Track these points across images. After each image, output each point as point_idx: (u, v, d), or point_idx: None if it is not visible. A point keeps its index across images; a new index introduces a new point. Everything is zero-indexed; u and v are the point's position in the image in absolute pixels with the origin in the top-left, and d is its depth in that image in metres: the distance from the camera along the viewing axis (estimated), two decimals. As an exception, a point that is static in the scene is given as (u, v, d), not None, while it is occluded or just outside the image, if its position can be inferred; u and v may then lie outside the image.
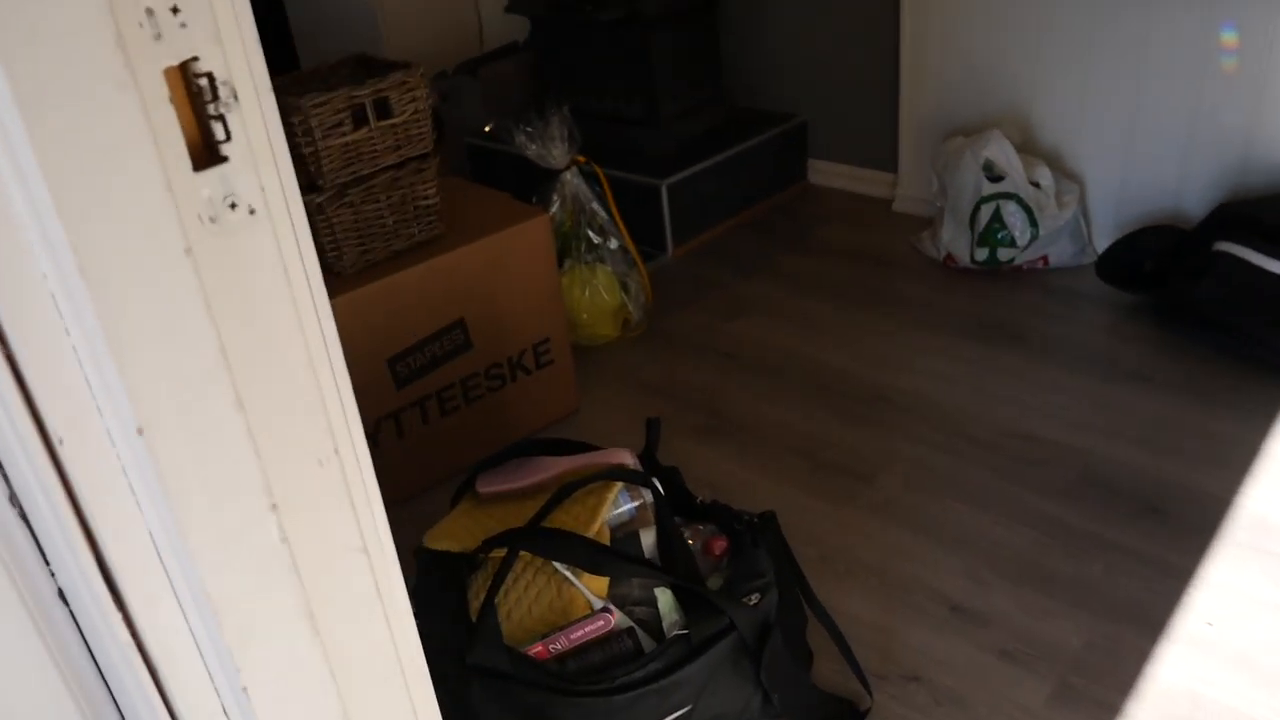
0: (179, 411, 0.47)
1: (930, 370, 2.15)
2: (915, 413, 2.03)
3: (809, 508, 1.81)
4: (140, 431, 0.46)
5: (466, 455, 1.94)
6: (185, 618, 0.52)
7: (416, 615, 1.34)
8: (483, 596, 1.31)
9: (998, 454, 1.89)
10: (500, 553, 1.35)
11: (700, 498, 1.53)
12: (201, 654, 0.53)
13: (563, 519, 1.38)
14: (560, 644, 1.29)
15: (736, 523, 1.45)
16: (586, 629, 1.29)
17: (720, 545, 1.43)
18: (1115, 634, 1.50)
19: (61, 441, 0.44)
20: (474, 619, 1.30)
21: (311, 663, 0.57)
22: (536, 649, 1.29)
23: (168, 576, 0.50)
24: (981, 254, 2.40)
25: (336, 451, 0.55)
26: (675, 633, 1.30)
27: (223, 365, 0.48)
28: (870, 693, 1.44)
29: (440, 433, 1.90)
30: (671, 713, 1.28)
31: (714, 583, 1.39)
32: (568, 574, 1.34)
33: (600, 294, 2.26)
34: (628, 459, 1.50)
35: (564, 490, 1.40)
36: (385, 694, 0.63)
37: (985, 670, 1.47)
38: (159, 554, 0.50)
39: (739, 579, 1.36)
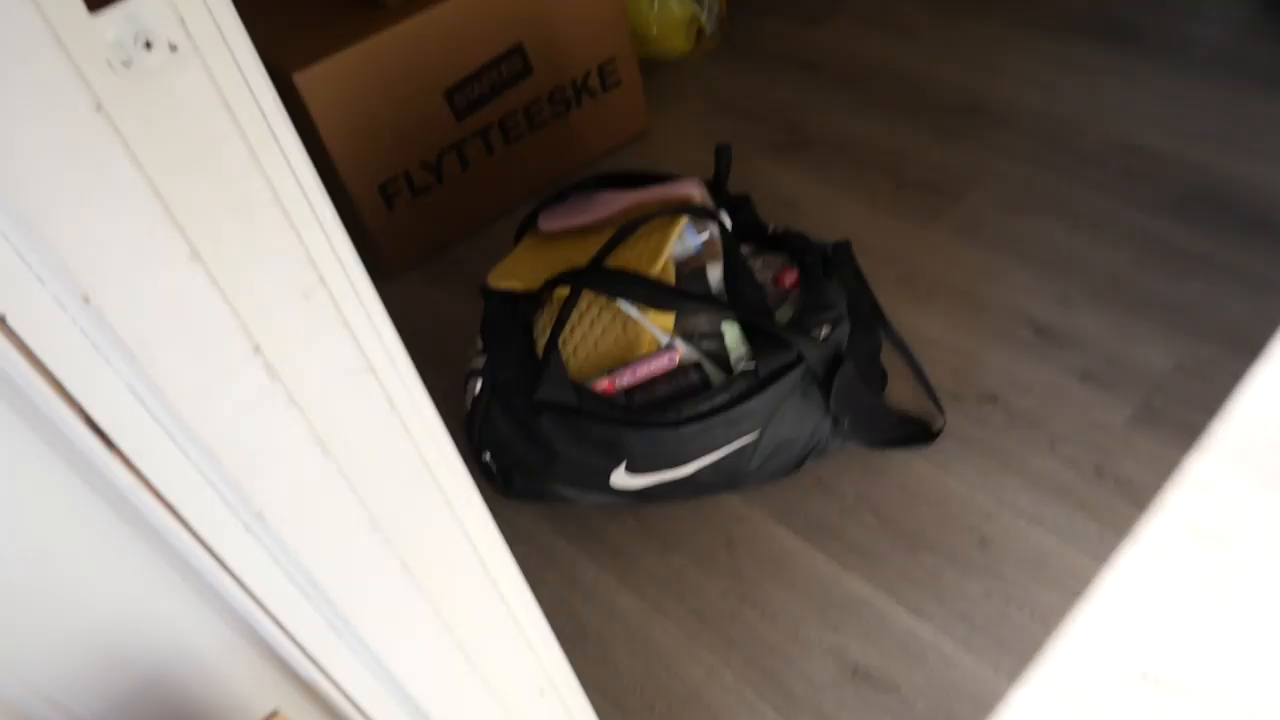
0: (125, 274, 0.46)
1: (1034, 77, 1.99)
2: (1013, 125, 1.90)
3: (891, 228, 1.75)
4: (86, 299, 0.45)
5: (535, 183, 1.91)
6: (186, 457, 0.53)
7: (485, 349, 1.38)
8: (548, 334, 1.33)
9: (1101, 168, 1.77)
10: (564, 291, 1.35)
11: (773, 227, 1.49)
12: (212, 485, 0.54)
13: (627, 256, 1.37)
14: (626, 379, 1.31)
15: (808, 253, 1.41)
16: (652, 365, 1.31)
17: (791, 276, 1.40)
18: (1209, 356, 1.45)
19: (4, 317, 0.43)
20: (541, 356, 1.33)
21: (327, 481, 0.59)
22: (603, 384, 1.31)
23: (159, 425, 0.51)
24: (1098, -71, 2.14)
25: (322, 281, 0.54)
26: (742, 366, 1.31)
27: (167, 220, 0.46)
28: (943, 413, 1.45)
29: (506, 162, 1.87)
30: (739, 438, 1.31)
31: (784, 314, 1.37)
32: (633, 311, 1.34)
33: (670, 5, 2.12)
34: (695, 190, 1.45)
35: (628, 227, 1.38)
36: (413, 494, 0.64)
37: (1065, 391, 1.45)
38: (145, 407, 0.50)
39: (809, 311, 1.34)
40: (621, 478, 1.31)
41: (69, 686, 0.64)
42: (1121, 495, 1.32)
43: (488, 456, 1.41)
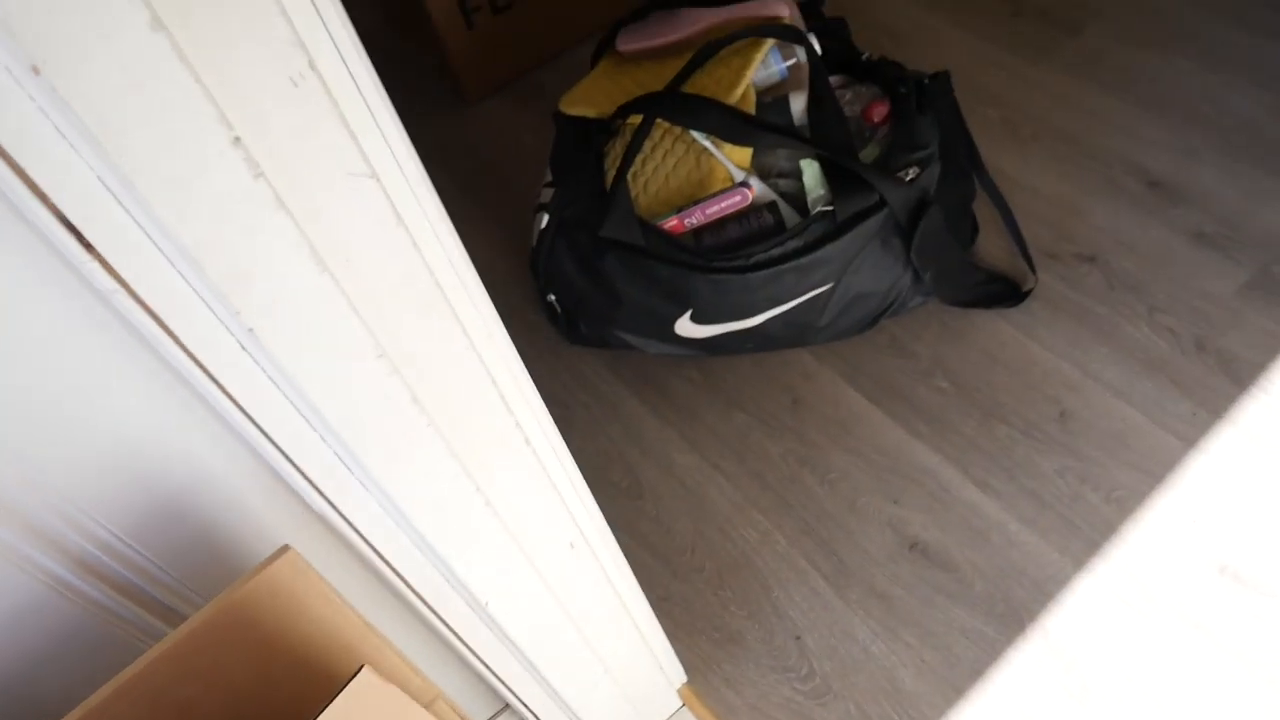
0: (76, 41, 0.39)
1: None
2: (1149, -54, 1.70)
3: (1000, 62, 1.60)
4: (36, 70, 0.38)
5: (618, 3, 1.78)
6: (168, 261, 0.47)
7: (554, 182, 1.30)
8: (618, 167, 1.24)
9: (1243, -1, 1.58)
10: (637, 119, 1.26)
11: (867, 54, 1.36)
12: (198, 295, 0.49)
13: (704, 82, 1.26)
14: (695, 218, 1.23)
15: (902, 85, 1.29)
16: (723, 204, 1.22)
17: (881, 110, 1.28)
18: (1341, 219, 1.31)
19: None
20: (608, 189, 1.25)
21: (323, 297, 0.53)
22: (672, 223, 1.23)
23: (134, 223, 0.45)
24: None
25: (312, 66, 0.46)
26: (820, 208, 1.21)
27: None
28: (1035, 272, 1.34)
29: (591, -23, 1.74)
30: (812, 289, 1.23)
31: (870, 153, 1.26)
32: (707, 143, 1.24)
33: None
34: (784, 10, 1.32)
35: (707, 49, 1.27)
36: (424, 319, 0.58)
37: (1173, 253, 1.33)
38: (117, 201, 0.44)
39: (897, 149, 1.23)
40: (687, 326, 1.25)
41: (88, 505, 0.61)
42: (1222, 372, 1.22)
43: (552, 298, 1.35)
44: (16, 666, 0.66)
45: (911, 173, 1.22)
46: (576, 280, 1.28)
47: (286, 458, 0.60)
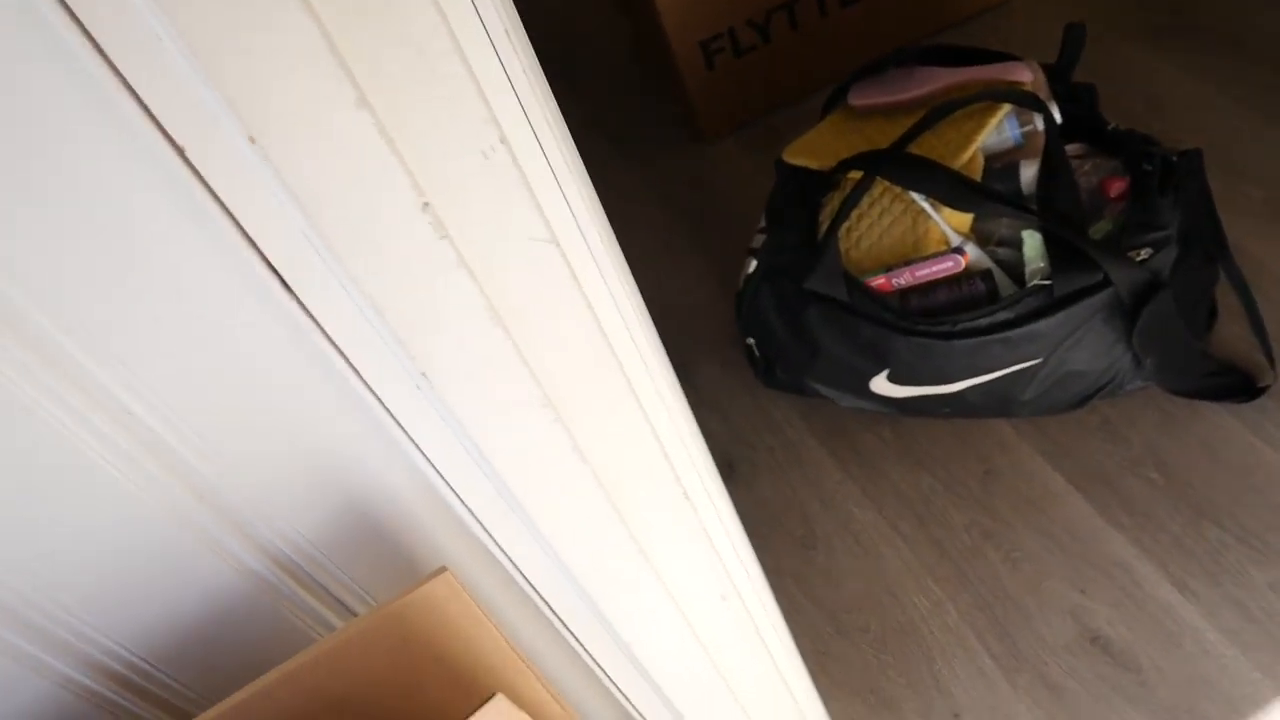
0: (289, 115, 0.45)
1: None
2: None
3: (1271, 140, 1.49)
4: (252, 140, 0.44)
5: (868, 52, 1.77)
6: (356, 306, 0.53)
7: (767, 228, 1.32)
8: (831, 220, 1.24)
9: None
10: (858, 175, 1.25)
11: (1113, 125, 1.30)
12: (382, 339, 0.54)
13: (932, 143, 1.24)
14: (904, 279, 1.21)
15: (1148, 161, 1.22)
16: (934, 267, 1.20)
17: (1118, 186, 1.22)
18: None
19: (185, 148, 0.43)
20: (819, 242, 1.25)
21: (496, 352, 0.57)
22: (879, 281, 1.22)
23: (329, 270, 0.51)
24: None
25: (504, 141, 0.50)
26: (1037, 281, 1.17)
27: (334, 63, 0.44)
28: (1274, 367, 1.24)
29: (839, 26, 1.74)
30: (1019, 363, 1.19)
31: (1101, 229, 1.21)
32: (926, 205, 1.23)
33: None
34: (1027, 75, 1.28)
35: (940, 110, 1.25)
36: (592, 377, 0.62)
37: None
38: (315, 251, 0.50)
39: (1132, 228, 1.17)
40: (883, 385, 1.23)
41: (275, 504, 0.68)
42: None
43: (751, 341, 1.36)
44: (200, 637, 0.74)
45: (1144, 253, 1.15)
46: (777, 328, 1.29)
47: (451, 488, 0.65)
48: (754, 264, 1.30)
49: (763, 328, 1.32)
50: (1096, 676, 1.08)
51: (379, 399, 0.59)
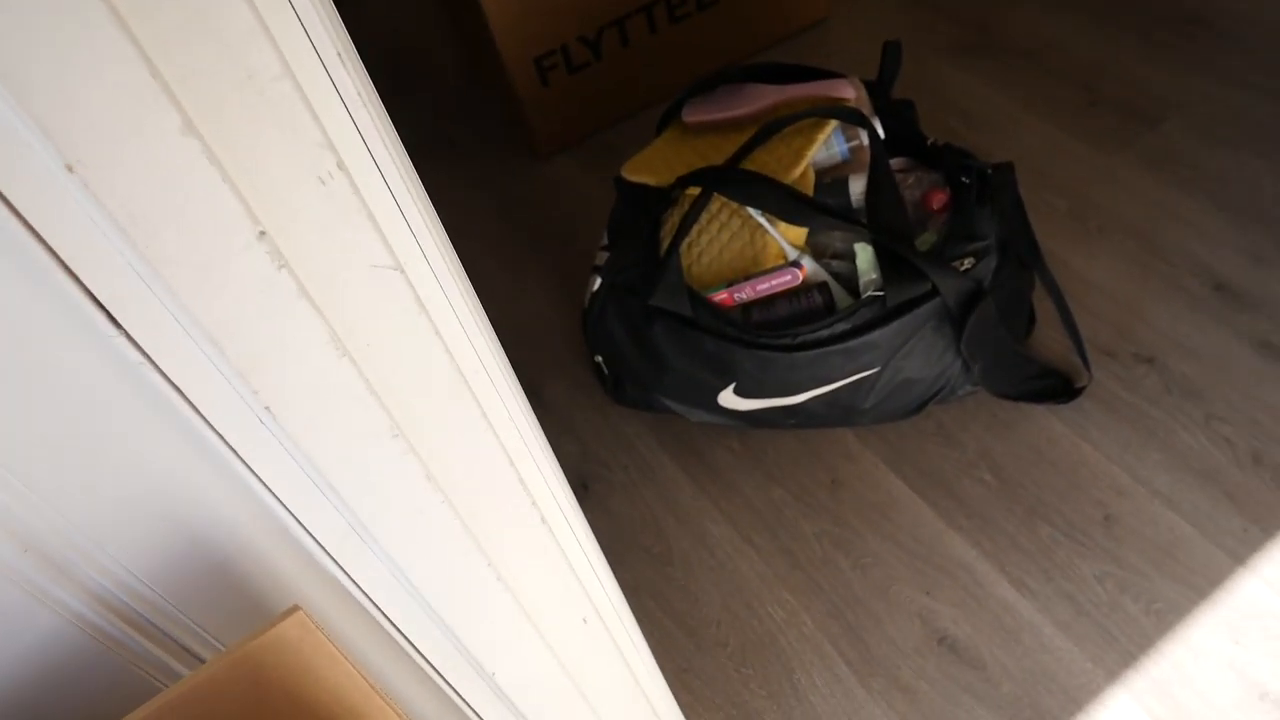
0: (109, 143, 0.42)
1: (1271, -13, 1.74)
2: (1236, 41, 1.67)
3: (1072, 152, 1.59)
4: (70, 169, 0.41)
5: (698, 69, 1.81)
6: (192, 340, 0.50)
7: (610, 246, 1.32)
8: (672, 236, 1.26)
9: (1329, 103, 1.55)
10: (695, 191, 1.27)
11: (932, 139, 1.36)
12: (221, 373, 0.51)
13: (765, 159, 1.27)
14: (745, 293, 1.24)
15: (965, 174, 1.28)
16: (773, 281, 1.22)
17: (940, 198, 1.28)
18: None
19: None
20: (661, 258, 1.26)
21: (343, 382, 0.55)
22: (721, 296, 1.24)
23: (160, 304, 0.48)
24: None
25: (342, 167, 0.49)
26: (871, 292, 1.21)
27: (155, 88, 0.41)
28: (1090, 369, 1.32)
29: (669, 43, 1.77)
30: (858, 372, 1.22)
31: (927, 240, 1.26)
32: (763, 220, 1.25)
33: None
34: (851, 91, 1.33)
35: (770, 127, 1.28)
36: (442, 403, 0.60)
37: (1235, 361, 1.30)
38: (145, 284, 0.47)
39: (954, 239, 1.23)
40: (730, 398, 1.25)
41: (109, 544, 0.64)
42: (1278, 488, 1.18)
43: (599, 359, 1.36)
44: (33, 695, 0.68)
45: (967, 263, 1.21)
46: (624, 345, 1.30)
47: (301, 525, 0.62)
48: (599, 282, 1.30)
49: (610, 345, 1.32)
50: (945, 676, 1.12)
51: (220, 435, 0.56)
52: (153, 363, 0.52)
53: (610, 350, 1.33)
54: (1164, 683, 1.07)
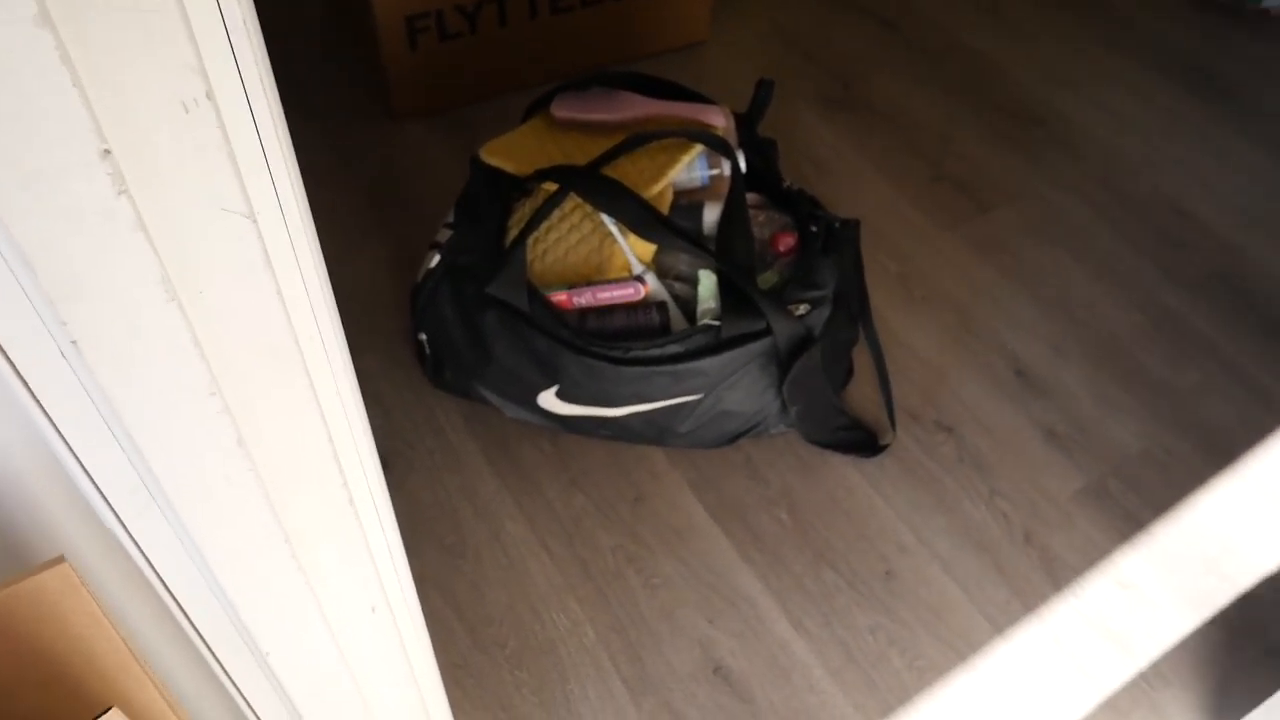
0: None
1: (1106, 102, 1.87)
2: (1068, 147, 1.79)
3: (910, 220, 1.66)
4: None
5: (569, 65, 1.80)
6: (1, 256, 0.44)
7: (456, 224, 1.28)
8: (521, 228, 1.23)
9: (1140, 221, 1.67)
10: (552, 187, 1.25)
11: (788, 183, 1.39)
12: (28, 296, 0.46)
13: (626, 169, 1.27)
14: (585, 299, 1.23)
15: (814, 222, 1.32)
16: (615, 292, 1.22)
17: (788, 241, 1.31)
18: (1178, 451, 1.38)
19: None
20: (507, 248, 1.24)
21: (166, 329, 0.50)
22: (560, 297, 1.23)
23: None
24: (1225, -18, 2.01)
25: (210, 96, 0.44)
26: (707, 320, 1.22)
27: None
28: (894, 429, 1.37)
29: (547, 32, 1.74)
30: (681, 396, 1.23)
31: (767, 279, 1.28)
32: (614, 229, 1.25)
33: (768, -85, 1.98)
34: (721, 120, 1.35)
35: (638, 139, 1.28)
36: (269, 365, 0.56)
37: (1024, 444, 1.38)
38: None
39: (794, 283, 1.26)
40: (550, 400, 1.24)
41: None
42: (1042, 569, 1.27)
43: (423, 337, 1.32)
44: None
45: (803, 309, 1.24)
46: (452, 328, 1.26)
47: (85, 472, 0.57)
48: (436, 259, 1.26)
49: (437, 326, 1.28)
50: (715, 705, 1.14)
51: (11, 363, 0.50)
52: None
53: (436, 331, 1.29)
54: (914, 737, 1.12)
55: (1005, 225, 1.66)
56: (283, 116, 0.52)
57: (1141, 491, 1.34)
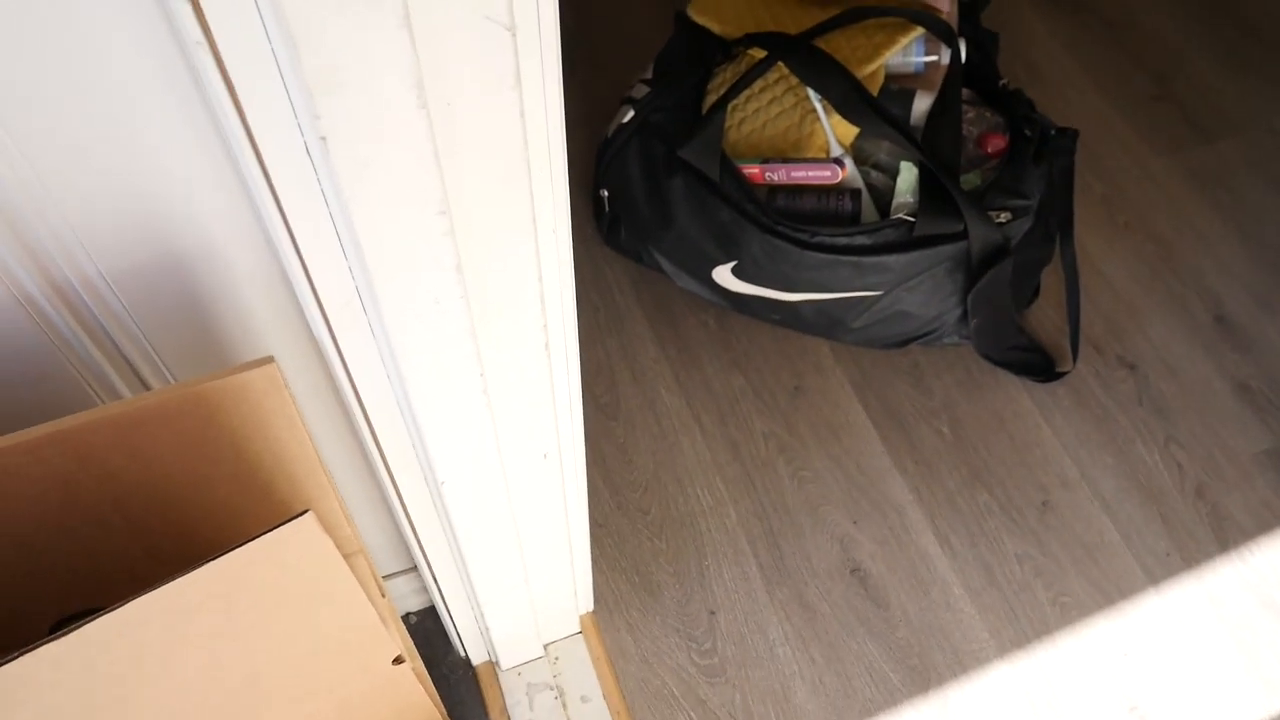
0: None
1: (1365, 40, 1.69)
2: (1314, 84, 1.63)
3: (1125, 139, 1.54)
4: None
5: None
6: (267, 34, 0.43)
7: (653, 81, 1.24)
8: (721, 93, 1.18)
9: (1382, 174, 1.52)
10: (759, 53, 1.19)
11: (1005, 81, 1.30)
12: (285, 84, 0.44)
13: (840, 43, 1.20)
14: (779, 175, 1.18)
15: (1030, 126, 1.23)
16: (811, 173, 1.17)
17: (998, 143, 1.23)
18: (1384, 426, 1.28)
19: None
20: (704, 112, 1.19)
21: (411, 136, 0.48)
22: (753, 170, 1.18)
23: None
24: None
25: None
26: (901, 215, 1.16)
27: None
28: (1076, 358, 1.30)
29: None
30: (860, 290, 1.19)
31: (970, 180, 1.21)
32: (819, 105, 1.19)
33: None
34: (945, 5, 1.25)
35: (856, 13, 1.20)
36: (502, 201, 0.54)
37: (1212, 394, 1.30)
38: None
39: (998, 189, 1.18)
40: (725, 276, 1.20)
41: (86, 234, 0.57)
42: (1211, 526, 1.20)
43: (605, 193, 1.29)
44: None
45: (1004, 217, 1.17)
46: (637, 187, 1.23)
47: (307, 274, 0.56)
48: (630, 114, 1.23)
49: (622, 183, 1.25)
50: (847, 605, 1.12)
51: (258, 154, 0.49)
52: (213, 45, 0.44)
53: (619, 188, 1.26)
54: (1048, 672, 1.09)
55: (1229, 158, 1.53)
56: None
57: (1334, 463, 1.25)
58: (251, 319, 0.65)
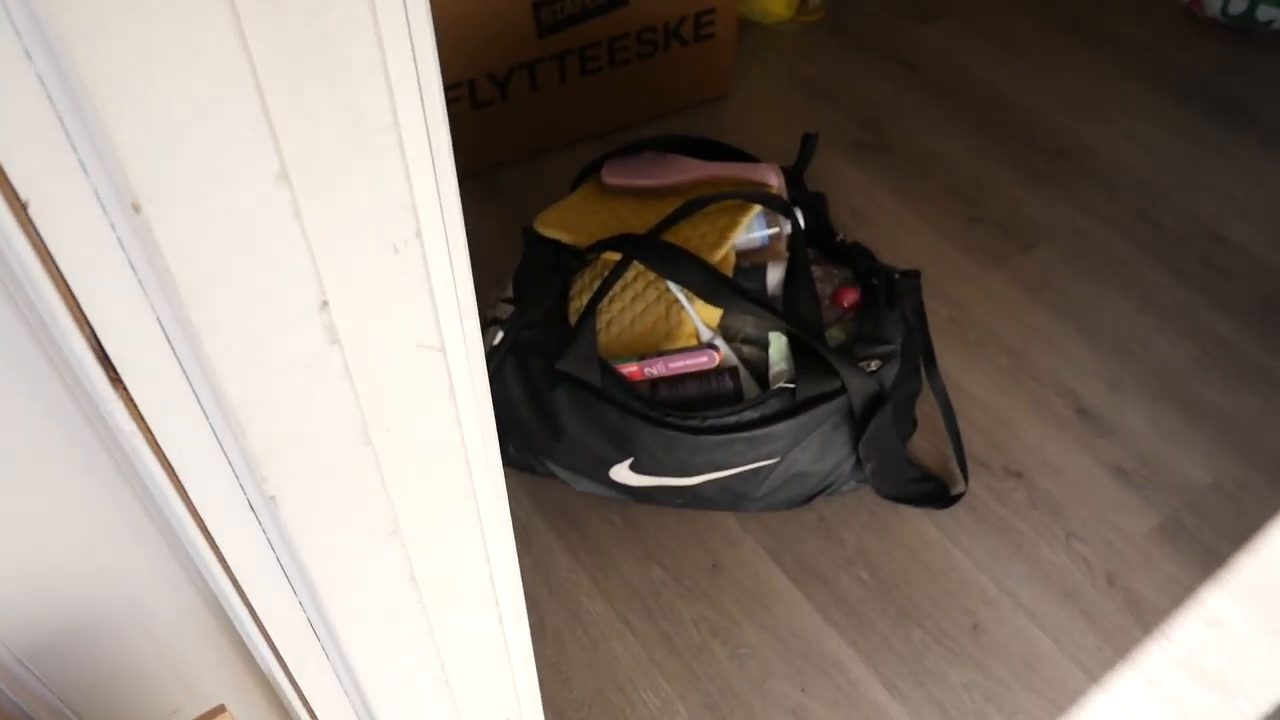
0: (191, 185, 0.34)
1: (1130, 131, 1.88)
2: (1099, 179, 1.79)
3: (953, 263, 1.65)
4: (136, 209, 0.33)
5: (601, 124, 1.79)
6: (204, 415, 0.42)
7: (516, 300, 1.26)
8: (585, 299, 1.21)
9: (1181, 250, 1.67)
10: (613, 256, 1.23)
11: (841, 236, 1.38)
12: (227, 457, 0.43)
13: (688, 234, 1.25)
14: (657, 369, 1.20)
15: (875, 275, 1.30)
16: (688, 360, 1.20)
17: (851, 297, 1.29)
18: (1247, 481, 1.37)
19: (28, 204, 0.31)
20: (572, 321, 1.22)
21: (358, 472, 0.48)
22: (631, 369, 1.20)
23: (181, 372, 0.40)
24: (1238, 6, 2.02)
25: (418, 235, 0.42)
26: (781, 384, 1.20)
27: (264, 127, 0.34)
28: (966, 479, 1.36)
29: (577, 93, 1.73)
30: (757, 461, 1.21)
31: (835, 336, 1.27)
32: (680, 295, 1.23)
33: (781, -36, 1.98)
34: (773, 179, 1.33)
35: (697, 202, 1.26)
36: (446, 497, 0.54)
37: (1094, 484, 1.36)
38: (171, 347, 0.38)
39: (863, 340, 1.24)
40: (623, 473, 1.21)
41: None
42: (1128, 611, 1.25)
43: (485, 407, 1.29)
44: None
45: (874, 364, 1.22)
46: (520, 405, 1.24)
47: (255, 616, 0.54)
48: (500, 335, 1.24)
49: (502, 403, 1.25)
50: (820, 776, 1.11)
51: (200, 522, 0.47)
52: (148, 433, 0.43)
53: (501, 408, 1.27)
54: (1025, 800, 1.10)
55: (1048, 262, 1.65)
56: (464, 239, 0.49)
57: (1217, 525, 1.33)
58: (191, 670, 0.61)
